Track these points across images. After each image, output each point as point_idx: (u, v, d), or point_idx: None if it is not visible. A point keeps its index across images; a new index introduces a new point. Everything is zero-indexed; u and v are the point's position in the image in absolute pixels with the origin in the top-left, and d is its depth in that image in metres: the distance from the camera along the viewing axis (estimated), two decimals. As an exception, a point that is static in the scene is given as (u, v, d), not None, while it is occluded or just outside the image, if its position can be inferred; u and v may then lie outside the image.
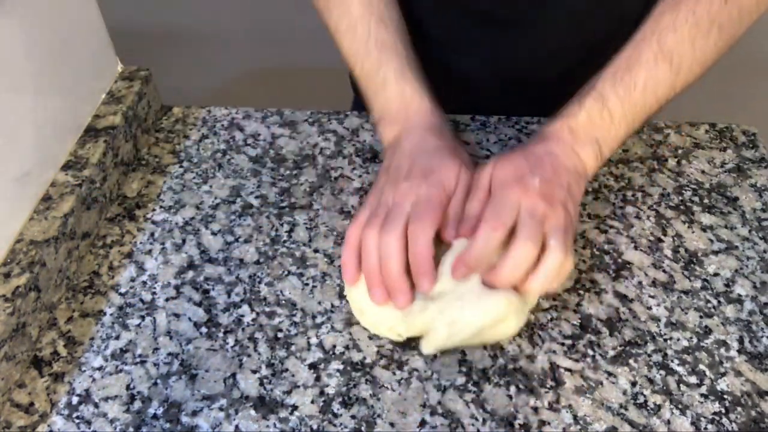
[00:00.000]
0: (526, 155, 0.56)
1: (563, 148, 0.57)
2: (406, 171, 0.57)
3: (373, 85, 0.64)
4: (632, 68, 0.57)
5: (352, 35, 0.64)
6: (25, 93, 0.58)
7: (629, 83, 0.57)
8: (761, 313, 0.57)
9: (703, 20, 0.56)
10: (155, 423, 0.51)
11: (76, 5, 0.66)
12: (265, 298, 0.59)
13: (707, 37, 0.57)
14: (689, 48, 0.57)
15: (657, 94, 0.57)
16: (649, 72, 0.57)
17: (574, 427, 0.50)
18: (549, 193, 0.53)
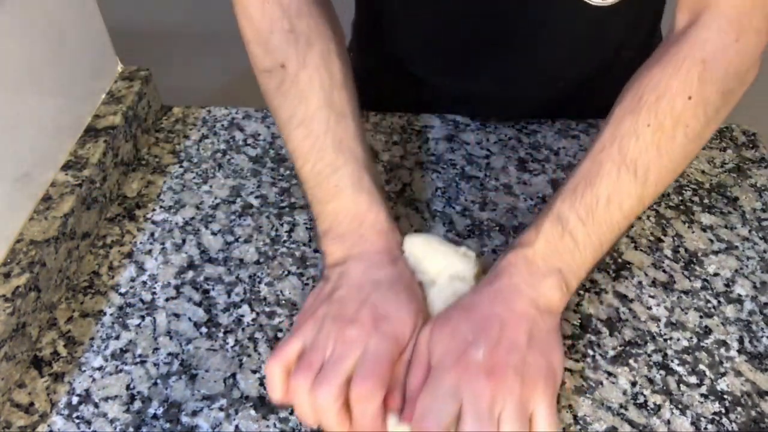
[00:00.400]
0: (469, 313, 0.48)
1: (516, 288, 0.49)
2: (354, 311, 0.48)
3: (324, 191, 0.54)
4: (593, 184, 0.50)
5: (305, 130, 0.55)
6: (25, 93, 0.58)
7: (590, 201, 0.49)
8: (761, 313, 0.57)
9: (667, 122, 0.49)
10: (155, 423, 0.51)
11: (76, 5, 0.66)
12: (265, 298, 0.59)
13: (673, 140, 0.50)
14: (655, 155, 0.49)
15: (623, 209, 0.50)
16: (612, 185, 0.49)
17: (574, 427, 0.50)
18: (497, 365, 0.45)
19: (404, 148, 0.72)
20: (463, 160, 0.71)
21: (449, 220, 0.64)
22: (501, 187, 0.68)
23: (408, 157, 0.71)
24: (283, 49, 0.55)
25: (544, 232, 0.50)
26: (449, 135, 0.74)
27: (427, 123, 0.75)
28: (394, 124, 0.75)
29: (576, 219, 0.49)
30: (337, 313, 0.49)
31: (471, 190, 0.68)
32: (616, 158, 0.50)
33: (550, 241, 0.50)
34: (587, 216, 0.49)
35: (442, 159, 0.71)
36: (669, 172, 0.51)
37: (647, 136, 0.49)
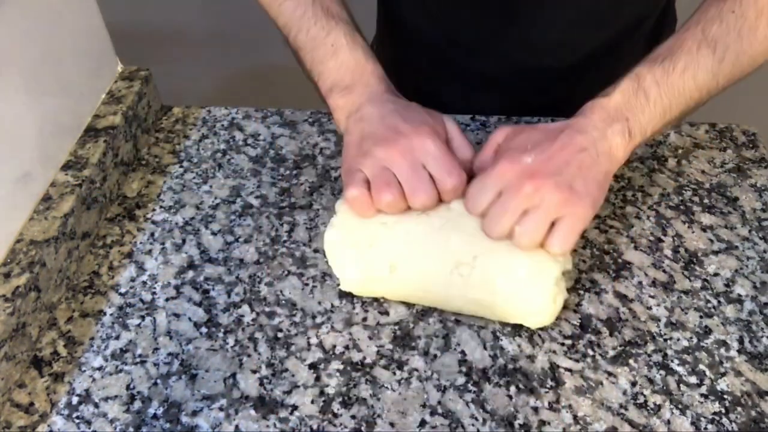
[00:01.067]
0: (539, 131, 0.55)
1: (585, 126, 0.54)
2: (392, 130, 0.54)
3: (321, 52, 0.59)
4: (673, 54, 0.55)
5: (294, 2, 0.61)
6: (25, 93, 0.58)
7: (668, 66, 0.55)
8: (761, 313, 0.57)
9: (750, 12, 0.54)
10: (155, 423, 0.51)
11: (76, 5, 0.66)
12: (265, 298, 0.59)
13: (755, 29, 0.54)
14: (735, 38, 0.54)
15: (697, 79, 0.55)
16: (690, 57, 0.55)
17: (574, 427, 0.50)
18: (539, 172, 0.51)
19: (404, 148, 0.72)
20: (463, 160, 0.71)
21: (449, 220, 0.64)
22: (501, 187, 0.68)
23: (408, 157, 0.71)
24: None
25: (621, 86, 0.55)
26: (449, 135, 0.74)
27: (427, 123, 0.75)
28: (394, 124, 0.75)
29: (652, 79, 0.55)
30: (380, 138, 0.53)
31: (471, 190, 0.67)
32: (699, 36, 0.55)
33: (625, 94, 0.55)
34: (662, 78, 0.54)
35: (442, 159, 0.71)
36: (747, 57, 0.55)
37: (730, 21, 0.54)
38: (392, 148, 0.53)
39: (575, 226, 0.52)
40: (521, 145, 0.54)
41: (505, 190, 0.52)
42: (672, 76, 0.55)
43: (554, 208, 0.51)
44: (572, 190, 0.51)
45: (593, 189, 0.52)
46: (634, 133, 0.55)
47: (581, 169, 0.52)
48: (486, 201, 0.52)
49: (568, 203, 0.51)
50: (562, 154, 0.52)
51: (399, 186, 0.53)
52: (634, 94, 0.55)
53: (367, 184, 0.53)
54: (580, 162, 0.52)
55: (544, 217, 0.51)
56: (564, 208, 0.51)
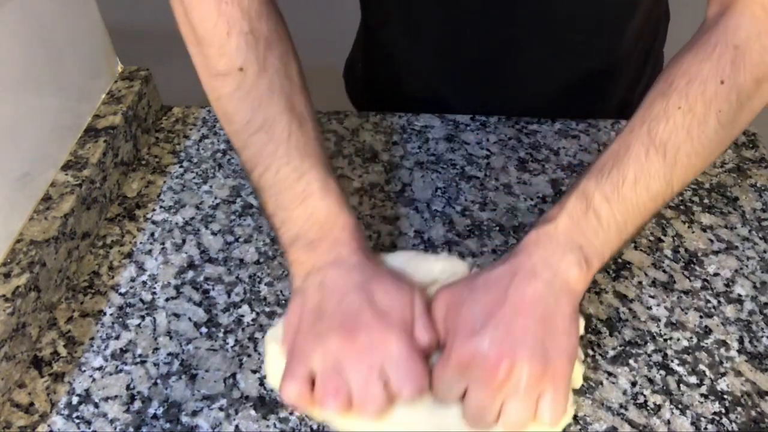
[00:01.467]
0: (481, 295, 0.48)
1: (533, 269, 0.47)
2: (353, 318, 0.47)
3: (290, 196, 0.52)
4: (620, 163, 0.49)
5: (266, 135, 0.52)
6: (25, 93, 0.58)
7: (616, 179, 0.48)
8: (761, 313, 0.57)
9: (698, 106, 0.48)
10: (155, 423, 0.51)
11: (76, 5, 0.66)
12: (265, 298, 0.58)
13: (705, 124, 0.48)
14: (685, 137, 0.48)
15: (650, 190, 0.49)
16: (638, 165, 0.48)
17: (574, 427, 0.50)
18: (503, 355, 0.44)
19: (404, 148, 0.72)
20: (463, 160, 0.71)
21: (449, 220, 0.64)
22: (501, 187, 0.68)
23: (408, 157, 0.71)
24: (242, 52, 0.52)
25: (568, 208, 0.49)
26: (449, 135, 0.74)
27: (427, 123, 0.75)
28: (394, 124, 0.75)
29: (601, 196, 0.48)
30: (337, 325, 0.47)
31: (471, 190, 0.68)
32: (645, 140, 0.49)
33: (573, 217, 0.48)
34: (612, 194, 0.48)
35: (442, 159, 0.71)
36: (700, 157, 0.49)
37: (678, 118, 0.48)
38: (349, 345, 0.46)
39: (562, 393, 0.45)
40: (469, 323, 0.46)
41: (471, 385, 0.45)
42: (623, 190, 0.48)
43: (534, 387, 0.45)
44: (545, 358, 0.45)
45: (563, 342, 0.46)
46: (591, 261, 0.48)
47: (545, 326, 0.46)
48: (456, 395, 0.46)
49: (546, 375, 0.44)
50: (518, 321, 0.45)
51: (347, 392, 0.45)
52: (584, 215, 0.48)
53: (310, 381, 0.46)
54: (540, 318, 0.46)
55: (528, 401, 0.45)
56: (544, 383, 0.45)
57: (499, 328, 0.45)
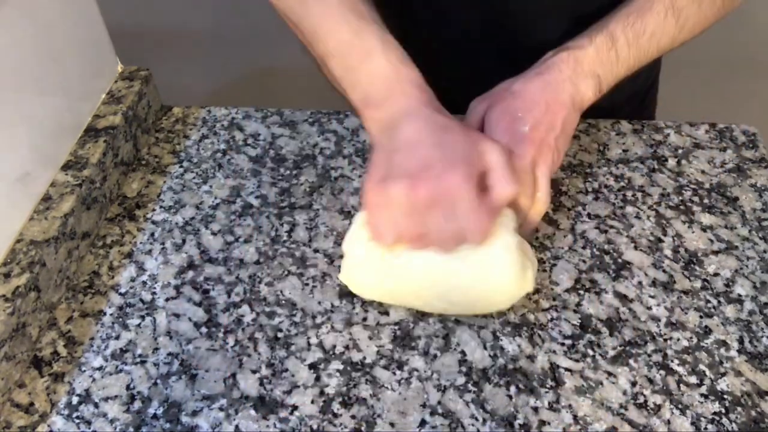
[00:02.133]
0: (521, 97, 0.57)
1: (563, 81, 0.58)
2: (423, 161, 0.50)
3: (354, 58, 0.55)
4: (644, 16, 0.60)
5: (322, 5, 0.56)
6: (25, 93, 0.58)
7: (639, 29, 0.59)
8: (761, 313, 0.57)
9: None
10: (155, 423, 0.51)
11: (76, 5, 0.66)
12: (265, 298, 0.59)
13: (713, 3, 0.61)
14: (696, 9, 0.61)
15: (660, 44, 0.61)
16: (657, 23, 0.60)
17: (574, 427, 0.50)
18: (536, 138, 0.56)
19: (404, 148, 0.72)
20: (463, 160, 0.71)
21: (449, 220, 0.64)
22: (501, 187, 0.68)
23: (408, 157, 0.71)
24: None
25: (596, 42, 0.59)
26: (449, 135, 0.74)
27: (427, 123, 0.75)
28: (394, 124, 0.75)
29: (624, 40, 0.59)
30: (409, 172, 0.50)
31: (471, 190, 0.67)
32: (667, 3, 0.60)
33: (600, 51, 0.59)
34: (633, 41, 0.59)
35: (442, 159, 0.71)
36: (700, 26, 0.62)
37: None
38: (420, 190, 0.49)
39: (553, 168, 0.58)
40: (510, 114, 0.57)
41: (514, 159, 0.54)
42: (641, 40, 0.60)
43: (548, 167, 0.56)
44: (559, 150, 0.57)
45: (566, 144, 0.59)
46: (603, 89, 0.60)
47: (563, 127, 0.57)
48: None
49: (556, 162, 0.57)
50: (549, 117, 0.57)
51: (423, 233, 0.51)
52: (607, 52, 0.59)
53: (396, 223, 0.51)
54: (563, 119, 0.57)
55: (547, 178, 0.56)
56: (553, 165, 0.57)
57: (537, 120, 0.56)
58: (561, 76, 0.58)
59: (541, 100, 0.57)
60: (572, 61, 0.58)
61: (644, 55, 0.61)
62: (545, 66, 0.59)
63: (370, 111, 0.54)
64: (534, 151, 0.55)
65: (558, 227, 0.64)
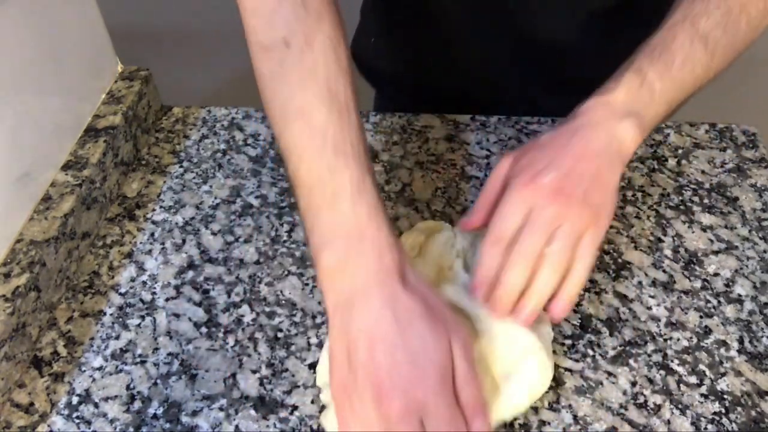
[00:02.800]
0: (546, 147, 0.52)
1: (594, 127, 0.52)
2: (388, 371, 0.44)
3: (319, 199, 0.48)
4: (669, 47, 0.55)
5: (304, 123, 0.49)
6: (25, 93, 0.58)
7: (668, 60, 0.54)
8: (761, 313, 0.57)
9: (734, 8, 0.55)
10: (155, 423, 0.51)
11: (76, 5, 0.66)
12: (265, 298, 0.59)
13: (738, 24, 0.56)
14: (722, 33, 0.55)
15: (695, 73, 0.55)
16: (684, 51, 0.54)
17: (574, 427, 0.50)
18: (564, 189, 0.49)
19: (404, 148, 0.72)
20: (463, 160, 0.71)
21: (449, 220, 0.64)
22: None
23: (408, 157, 0.71)
24: (289, 24, 0.50)
25: (625, 82, 0.53)
26: (449, 135, 0.74)
27: (427, 123, 0.75)
28: (394, 124, 0.75)
29: (654, 73, 0.53)
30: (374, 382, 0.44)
31: (471, 190, 0.67)
32: (690, 31, 0.55)
33: (630, 90, 0.53)
34: (664, 72, 0.53)
35: (442, 159, 0.71)
36: (732, 50, 0.56)
37: (717, 16, 0.55)
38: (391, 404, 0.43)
39: (596, 242, 0.49)
40: (534, 166, 0.51)
41: (533, 211, 0.48)
42: (672, 71, 0.54)
43: (580, 227, 0.48)
44: (594, 205, 0.49)
45: (608, 200, 0.51)
46: (645, 127, 0.53)
47: (598, 179, 0.50)
48: (515, 223, 0.49)
49: (592, 221, 0.49)
50: (578, 167, 0.50)
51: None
52: (638, 89, 0.53)
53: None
54: (596, 170, 0.50)
55: (575, 237, 0.48)
56: (589, 226, 0.49)
57: (562, 169, 0.50)
58: (591, 122, 0.52)
59: (569, 147, 0.51)
60: (601, 106, 0.53)
61: (680, 87, 0.54)
62: (573, 116, 0.54)
63: (325, 272, 0.48)
64: (557, 205, 0.48)
65: (558, 227, 0.64)
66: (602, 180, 0.50)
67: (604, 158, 0.51)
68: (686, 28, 0.55)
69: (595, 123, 0.52)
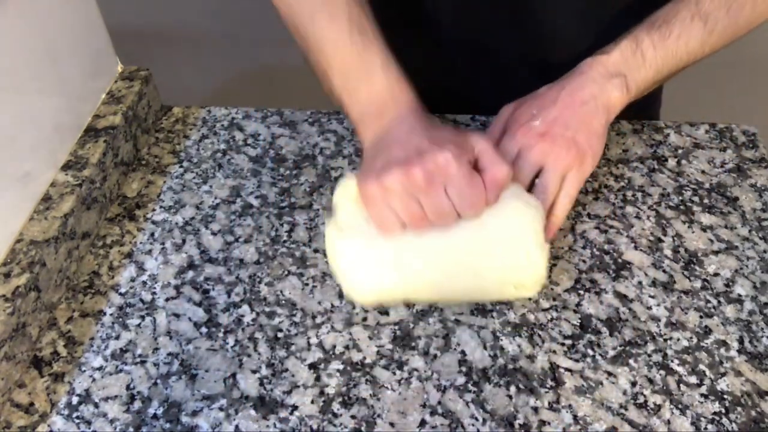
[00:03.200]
0: (539, 97, 0.60)
1: (585, 81, 0.59)
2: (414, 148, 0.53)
3: (355, 76, 0.58)
4: (669, 21, 0.60)
5: (329, 19, 0.58)
6: (25, 93, 0.58)
7: (664, 32, 0.60)
8: (761, 313, 0.57)
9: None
10: (155, 423, 0.51)
11: (76, 5, 0.66)
12: (265, 298, 0.59)
13: (742, 8, 0.60)
14: (724, 14, 0.60)
15: (688, 46, 0.60)
16: (684, 25, 0.60)
17: (574, 427, 0.50)
18: (549, 132, 0.57)
19: (404, 148, 0.72)
20: (463, 160, 0.71)
21: (449, 220, 0.64)
22: (501, 187, 0.68)
23: (408, 157, 0.71)
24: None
25: (621, 46, 0.60)
26: (449, 135, 0.74)
27: (427, 123, 0.75)
28: (394, 124, 0.75)
29: (649, 42, 0.60)
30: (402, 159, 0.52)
31: (471, 190, 0.67)
32: (693, 8, 0.60)
33: (624, 53, 0.60)
34: (659, 42, 0.60)
35: (442, 159, 0.71)
36: (731, 32, 0.61)
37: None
38: (415, 168, 0.51)
39: (581, 179, 0.58)
40: (527, 112, 0.59)
41: (521, 150, 0.57)
42: (667, 41, 0.60)
43: (565, 165, 0.57)
44: (578, 146, 0.57)
45: (594, 142, 0.58)
46: (630, 88, 0.60)
47: (584, 123, 0.58)
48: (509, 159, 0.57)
49: (576, 160, 0.57)
50: (565, 113, 0.58)
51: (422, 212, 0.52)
52: (633, 54, 0.60)
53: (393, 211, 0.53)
54: (582, 116, 0.58)
55: (560, 172, 0.57)
56: (573, 164, 0.57)
57: (550, 116, 0.58)
58: (583, 76, 0.60)
59: (557, 98, 0.59)
60: (596, 64, 0.60)
61: (672, 57, 0.60)
62: (570, 72, 0.61)
63: (366, 125, 0.58)
64: (543, 145, 0.57)
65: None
66: (588, 126, 0.58)
67: (591, 107, 0.58)
68: (690, 5, 0.60)
69: (587, 78, 0.59)
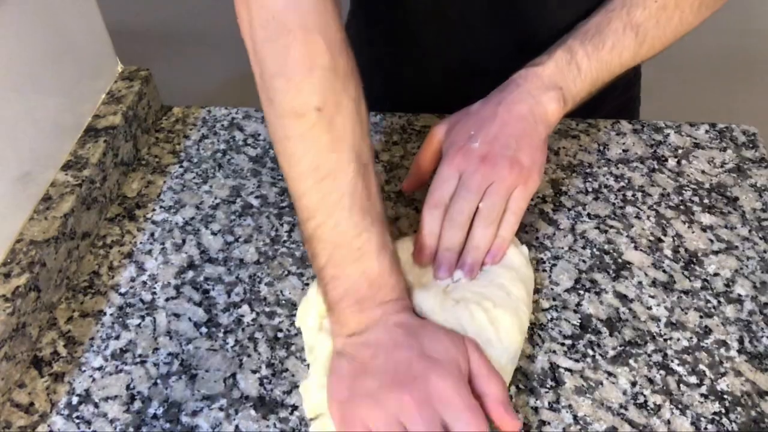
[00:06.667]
0: (475, 114, 0.58)
1: (519, 93, 0.58)
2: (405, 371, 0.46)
3: (344, 254, 0.50)
4: (602, 32, 0.60)
5: (332, 184, 0.50)
6: (25, 93, 0.58)
7: (597, 43, 0.59)
8: (761, 313, 0.57)
9: (670, 4, 0.60)
10: (155, 423, 0.51)
11: (76, 5, 0.66)
12: (265, 298, 0.59)
13: (671, 19, 0.60)
14: (654, 25, 0.60)
15: (621, 57, 0.60)
16: (616, 37, 0.60)
17: (574, 427, 0.50)
18: (490, 153, 0.55)
19: (404, 148, 0.72)
20: (463, 160, 0.71)
21: (449, 220, 0.64)
22: (501, 187, 0.68)
23: (408, 157, 0.71)
24: (321, 91, 0.49)
25: (555, 57, 0.59)
26: (449, 135, 0.74)
27: (427, 123, 0.75)
28: (394, 124, 0.75)
29: (583, 53, 0.59)
30: (390, 378, 0.46)
31: (471, 190, 0.67)
32: (624, 19, 0.60)
33: (559, 64, 0.59)
34: (593, 53, 0.59)
35: (442, 159, 0.71)
36: (661, 43, 0.62)
37: (652, 9, 0.60)
38: (405, 396, 0.45)
39: (526, 196, 0.56)
40: (464, 132, 0.57)
41: (463, 176, 0.55)
42: (601, 53, 0.59)
43: (509, 184, 0.55)
44: (521, 165, 0.55)
45: (537, 157, 0.57)
46: (567, 100, 0.59)
47: (523, 139, 0.56)
48: (449, 190, 0.56)
49: (521, 178, 0.55)
50: (505, 130, 0.56)
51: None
52: (567, 65, 0.59)
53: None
54: (521, 132, 0.56)
55: (504, 193, 0.55)
56: (518, 183, 0.55)
57: (489, 135, 0.56)
58: (518, 90, 0.58)
59: (495, 114, 0.57)
60: (531, 76, 0.59)
61: (606, 68, 0.60)
62: (504, 84, 0.60)
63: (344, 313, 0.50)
64: (484, 169, 0.55)
65: (558, 227, 0.64)
66: (528, 141, 0.56)
67: (529, 121, 0.57)
68: (622, 16, 0.60)
69: (523, 92, 0.58)
